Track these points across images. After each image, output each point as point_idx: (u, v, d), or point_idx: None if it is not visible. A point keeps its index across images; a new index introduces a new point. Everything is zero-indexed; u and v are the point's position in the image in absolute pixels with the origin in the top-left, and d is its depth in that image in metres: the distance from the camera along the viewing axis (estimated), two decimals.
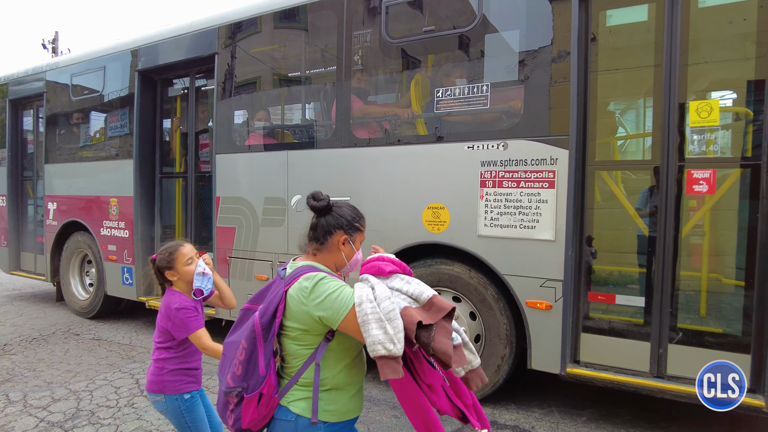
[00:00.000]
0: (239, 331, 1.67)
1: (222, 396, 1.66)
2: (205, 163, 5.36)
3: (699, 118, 3.03)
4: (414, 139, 3.84)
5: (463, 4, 3.66)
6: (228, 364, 1.64)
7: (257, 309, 1.65)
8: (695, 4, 3.12)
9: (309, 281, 1.59)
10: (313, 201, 1.76)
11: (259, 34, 4.68)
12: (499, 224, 3.38)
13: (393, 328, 1.46)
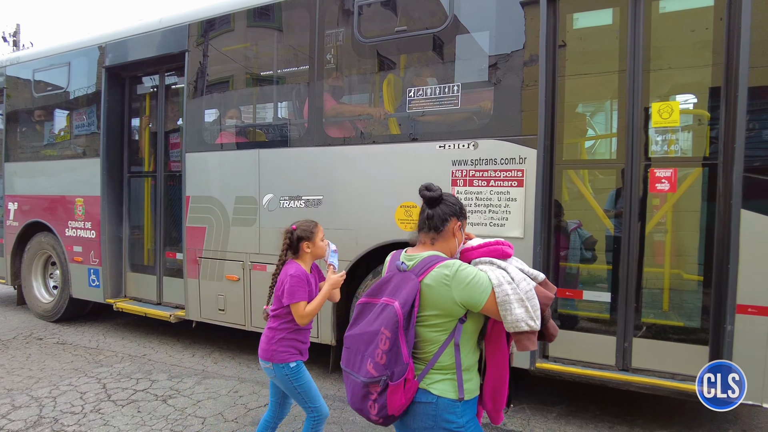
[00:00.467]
0: (367, 322, 1.71)
1: (359, 388, 1.68)
2: (175, 162, 5.26)
3: (661, 119, 3.14)
4: (386, 139, 3.86)
5: (434, 5, 3.70)
6: (359, 357, 1.69)
7: (379, 302, 1.71)
8: (656, 10, 3.24)
9: (449, 269, 1.67)
10: (427, 192, 1.81)
11: (231, 33, 4.63)
12: (470, 222, 3.42)
13: (532, 307, 1.66)
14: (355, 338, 1.72)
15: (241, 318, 4.44)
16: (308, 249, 2.51)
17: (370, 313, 1.72)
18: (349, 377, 1.73)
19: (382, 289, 1.74)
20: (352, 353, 1.72)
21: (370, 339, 1.66)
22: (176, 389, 3.96)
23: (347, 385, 1.76)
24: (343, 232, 3.87)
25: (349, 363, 1.73)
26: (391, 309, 1.64)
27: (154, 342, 5.26)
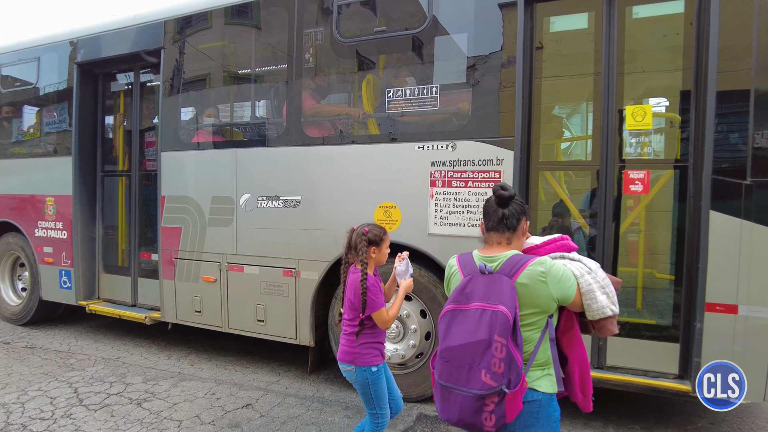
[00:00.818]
0: (467, 332, 1.63)
1: (471, 402, 1.60)
2: (150, 161, 5.16)
3: (634, 122, 3.21)
4: (366, 139, 3.85)
5: (414, 6, 3.71)
6: (465, 369, 1.61)
7: (472, 308, 1.65)
8: (629, 15, 3.30)
9: (543, 266, 1.70)
10: (503, 191, 1.82)
11: (208, 30, 4.56)
12: (449, 223, 3.44)
13: (611, 293, 1.76)
14: (458, 350, 1.63)
15: (218, 320, 4.39)
16: (374, 254, 2.51)
17: (465, 320, 1.65)
18: (453, 392, 1.64)
19: (467, 293, 1.70)
20: (455, 367, 1.63)
21: (481, 348, 1.59)
22: (152, 392, 3.89)
23: (447, 399, 1.66)
24: (322, 232, 3.85)
25: (452, 377, 1.64)
26: (500, 315, 1.59)
27: (129, 344, 5.16)
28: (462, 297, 1.70)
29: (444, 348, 1.67)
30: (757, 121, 2.81)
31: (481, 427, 1.62)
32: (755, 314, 2.84)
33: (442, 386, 1.68)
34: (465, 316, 1.66)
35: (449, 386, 1.65)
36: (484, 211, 1.89)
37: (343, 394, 3.87)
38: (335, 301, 3.91)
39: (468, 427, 1.66)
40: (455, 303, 1.71)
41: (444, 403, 1.69)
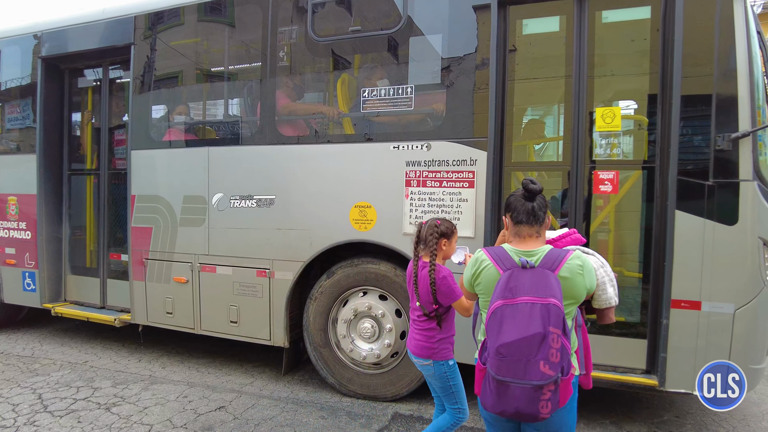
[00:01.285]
0: (521, 326, 1.66)
1: (529, 392, 1.65)
2: (120, 160, 5.03)
3: (604, 124, 3.29)
4: (341, 138, 3.84)
5: (389, 6, 3.72)
6: (522, 362, 1.65)
7: (521, 302, 1.69)
8: (599, 19, 3.38)
9: (580, 260, 1.82)
10: (533, 185, 1.88)
11: (180, 27, 4.48)
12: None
13: (615, 286, 1.94)
14: (515, 345, 1.65)
15: (190, 321, 4.31)
16: (444, 246, 2.50)
17: (516, 315, 1.68)
18: (510, 386, 1.67)
19: (512, 288, 1.73)
20: (512, 361, 1.66)
21: (537, 341, 1.64)
22: (121, 396, 3.80)
23: (503, 394, 1.69)
24: (296, 232, 3.82)
25: (510, 371, 1.66)
26: (554, 307, 1.67)
27: (97, 348, 5.02)
28: (508, 292, 1.73)
29: (501, 344, 1.68)
30: (719, 125, 2.91)
31: (537, 415, 1.68)
32: (717, 310, 2.94)
33: (498, 381, 1.70)
34: (515, 311, 1.69)
35: (506, 381, 1.67)
36: (510, 206, 1.93)
37: (318, 395, 3.85)
38: (310, 301, 3.88)
39: (524, 417, 1.71)
40: (503, 299, 1.73)
41: (499, 398, 1.71)
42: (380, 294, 3.72)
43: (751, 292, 2.92)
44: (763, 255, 2.96)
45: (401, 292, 3.60)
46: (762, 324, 3.01)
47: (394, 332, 3.63)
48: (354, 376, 3.78)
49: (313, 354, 3.91)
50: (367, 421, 3.42)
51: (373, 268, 3.68)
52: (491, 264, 1.86)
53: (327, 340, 3.85)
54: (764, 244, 2.96)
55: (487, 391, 1.77)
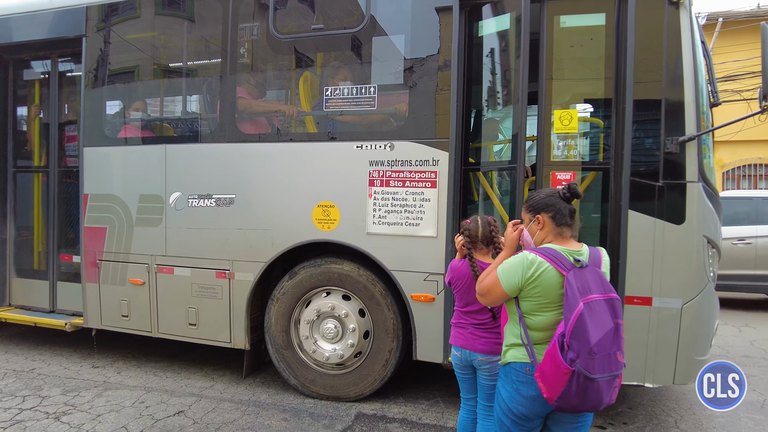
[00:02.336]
0: (601, 322, 1.75)
1: (610, 383, 1.78)
2: (71, 157, 4.82)
3: (561, 126, 3.37)
4: (304, 137, 3.80)
5: (352, 5, 3.70)
6: (606, 355, 1.75)
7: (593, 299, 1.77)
8: (558, 23, 3.47)
9: (606, 255, 2.00)
10: (576, 187, 1.98)
11: (136, 19, 4.31)
12: (387, 222, 3.47)
13: None
14: (603, 342, 1.74)
15: (146, 324, 4.17)
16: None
17: (594, 313, 1.76)
18: (599, 383, 1.75)
19: (581, 287, 1.80)
20: (603, 357, 1.74)
21: (612, 334, 1.77)
22: (72, 404, 3.64)
23: (590, 390, 1.75)
24: (257, 232, 3.76)
25: (601, 368, 1.74)
26: (617, 301, 1.81)
27: (46, 354, 4.79)
28: (581, 290, 1.80)
29: (595, 343, 1.73)
30: (668, 129, 3.04)
31: (611, 402, 1.82)
32: (666, 305, 3.08)
33: (587, 380, 1.74)
34: (592, 310, 1.77)
35: (598, 377, 1.74)
36: (553, 207, 1.99)
37: (280, 397, 3.81)
38: (272, 303, 3.83)
39: (601, 406, 1.81)
40: (582, 296, 1.78)
41: (587, 396, 1.76)
42: (344, 294, 3.71)
43: (696, 287, 3.08)
44: (707, 252, 3.12)
45: (364, 292, 3.60)
46: (706, 318, 3.17)
47: (358, 332, 3.62)
48: (317, 377, 3.75)
49: (274, 356, 3.86)
50: (330, 421, 3.40)
51: (336, 268, 3.66)
52: (551, 266, 1.87)
53: (289, 342, 3.80)
54: (708, 242, 3.12)
55: (572, 393, 1.76)
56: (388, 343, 3.58)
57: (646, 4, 3.04)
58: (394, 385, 3.88)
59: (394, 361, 3.59)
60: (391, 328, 3.56)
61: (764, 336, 6.09)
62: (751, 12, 12.56)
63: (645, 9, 3.04)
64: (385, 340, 3.58)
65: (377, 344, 3.61)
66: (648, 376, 3.12)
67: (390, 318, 3.55)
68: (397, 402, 3.73)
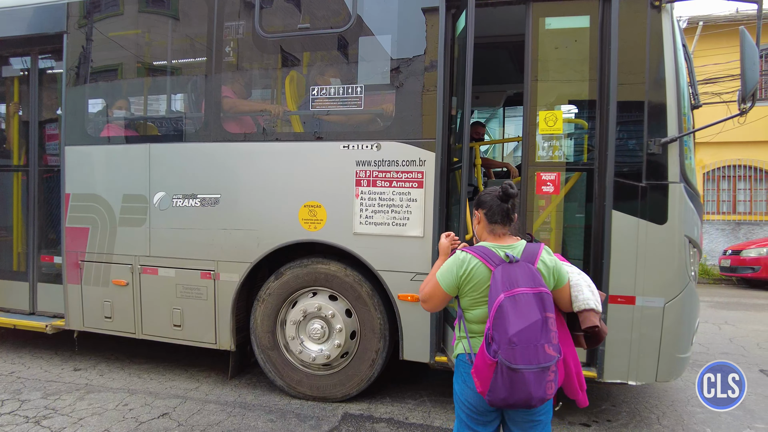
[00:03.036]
0: (525, 314, 1.80)
1: (539, 375, 1.79)
2: (52, 156, 4.73)
3: (546, 127, 3.40)
4: (290, 137, 3.78)
5: (338, 5, 3.70)
6: (531, 347, 1.78)
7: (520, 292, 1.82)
8: (543, 25, 3.50)
9: (549, 254, 2.01)
10: (511, 190, 2.03)
11: (119, 17, 4.25)
12: (374, 222, 3.47)
13: (595, 292, 2.03)
14: (525, 333, 1.78)
15: (130, 326, 4.11)
16: None
17: (518, 306, 1.81)
18: (524, 374, 1.77)
19: (510, 281, 1.86)
20: (524, 348, 1.78)
21: (539, 327, 1.79)
22: (53, 408, 3.57)
23: (516, 382, 1.78)
24: (243, 232, 3.73)
25: (524, 358, 1.77)
26: (547, 295, 1.85)
27: (26, 357, 4.70)
28: (507, 284, 1.86)
29: (513, 334, 1.79)
30: (650, 130, 3.09)
31: (545, 397, 1.84)
32: (649, 304, 3.12)
33: (512, 370, 1.78)
34: (515, 302, 1.82)
35: (520, 368, 1.77)
36: (486, 204, 2.07)
37: (266, 398, 3.78)
38: (257, 303, 3.80)
39: (538, 402, 1.83)
40: (505, 291, 1.84)
41: (513, 388, 1.79)
42: (330, 294, 3.70)
43: (678, 286, 3.13)
44: (688, 252, 3.17)
45: (351, 292, 3.60)
46: (688, 316, 3.23)
47: (344, 332, 3.61)
48: (303, 378, 3.73)
49: (260, 357, 3.83)
50: (316, 422, 3.39)
51: (323, 269, 3.65)
52: (480, 262, 1.95)
53: (275, 343, 3.78)
54: (689, 241, 3.17)
55: (498, 385, 1.82)
56: (374, 344, 3.58)
57: (629, 7, 3.08)
58: (380, 385, 3.88)
59: (381, 361, 3.59)
60: (378, 328, 3.56)
61: (743, 333, 6.22)
62: (730, 16, 12.82)
63: (628, 12, 3.08)
64: (372, 340, 3.58)
65: (364, 344, 3.61)
66: (631, 374, 3.16)
67: (377, 318, 3.55)
68: (384, 402, 3.73)
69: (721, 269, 11.75)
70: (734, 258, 11.23)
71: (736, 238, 13.35)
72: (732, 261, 11.27)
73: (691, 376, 4.40)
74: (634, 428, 3.41)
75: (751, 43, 2.72)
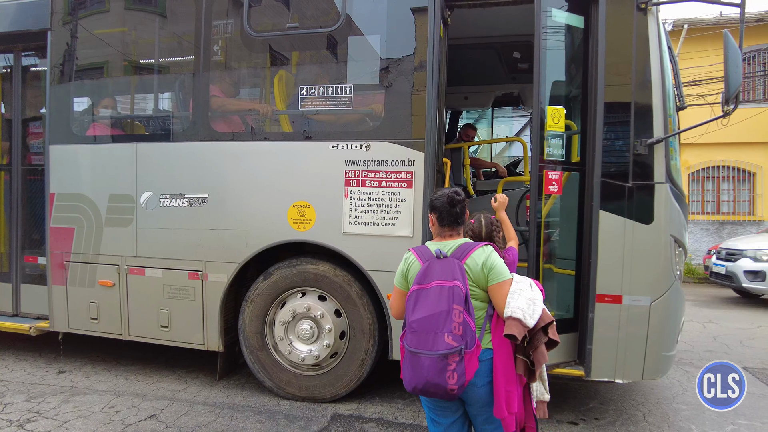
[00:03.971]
0: (431, 305, 1.93)
1: (436, 362, 1.88)
2: (36, 155, 4.65)
3: (552, 123, 3.36)
4: (279, 136, 3.76)
5: (327, 4, 3.69)
6: (431, 335, 1.90)
7: (433, 286, 1.94)
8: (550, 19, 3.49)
9: (484, 252, 2.06)
10: (457, 196, 2.16)
11: (105, 14, 4.20)
12: (363, 222, 3.46)
13: (533, 310, 1.97)
14: (425, 320, 1.92)
15: (117, 327, 4.06)
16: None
17: (428, 296, 1.95)
18: (420, 357, 1.91)
19: (428, 275, 2.00)
20: (423, 334, 1.92)
21: (443, 317, 1.90)
22: (37, 411, 3.52)
23: (416, 366, 1.93)
24: (231, 232, 3.71)
25: (420, 344, 1.92)
26: (456, 288, 1.93)
27: (9, 360, 4.62)
28: (423, 278, 2.00)
29: (413, 320, 1.95)
30: (637, 130, 3.13)
31: (445, 387, 1.90)
32: (635, 303, 3.16)
33: (411, 354, 1.95)
34: (427, 294, 1.96)
35: (418, 352, 1.92)
36: (436, 209, 2.18)
37: (255, 399, 3.76)
38: (246, 304, 3.78)
39: (435, 387, 1.92)
40: (419, 284, 2.00)
41: (413, 371, 1.95)
42: (319, 295, 3.69)
43: (664, 285, 3.17)
44: (674, 251, 3.21)
45: (340, 292, 3.59)
46: (673, 314, 3.28)
47: (334, 333, 3.60)
48: (292, 379, 3.72)
49: (249, 357, 3.81)
50: (305, 423, 3.38)
51: (312, 269, 3.64)
52: (415, 258, 2.12)
53: (264, 343, 3.76)
54: (675, 241, 3.22)
55: (405, 368, 2.00)
56: (364, 344, 3.57)
57: (615, 9, 3.11)
58: (370, 385, 3.88)
59: (371, 361, 3.59)
60: (368, 328, 3.56)
61: (726, 332, 6.33)
62: (714, 20, 13.02)
63: (614, 14, 3.11)
64: (362, 340, 3.58)
65: (353, 344, 3.60)
66: (618, 372, 3.20)
67: (366, 318, 3.55)
68: (373, 402, 3.73)
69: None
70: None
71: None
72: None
73: (677, 373, 4.47)
74: (621, 426, 3.45)
75: (734, 46, 2.76)
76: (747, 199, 13.75)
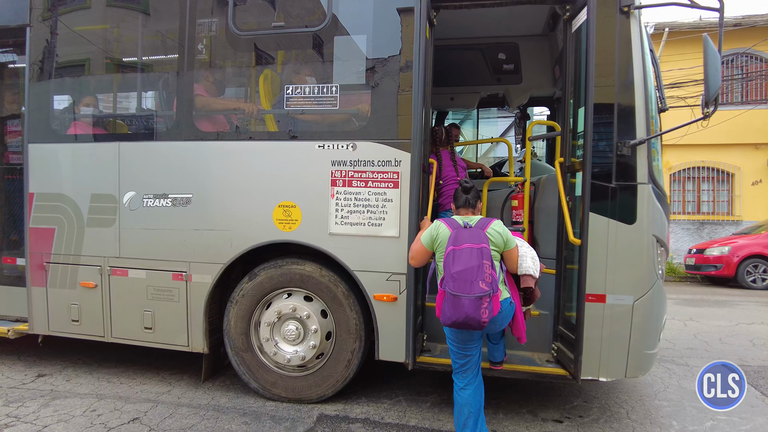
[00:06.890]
0: (467, 260, 2.59)
1: (474, 302, 2.53)
2: (14, 154, 4.56)
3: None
4: (264, 136, 3.73)
5: (313, 3, 3.67)
6: (468, 283, 2.55)
7: (464, 247, 2.62)
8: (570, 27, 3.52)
9: (499, 225, 2.82)
10: (466, 184, 3.00)
11: (86, 10, 4.12)
12: (349, 222, 3.46)
13: (536, 265, 2.94)
14: (464, 272, 2.56)
15: (99, 329, 3.99)
16: None
17: (462, 255, 2.60)
18: (461, 299, 2.54)
19: (459, 239, 2.67)
20: (462, 282, 2.55)
21: (476, 269, 2.56)
22: (15, 416, 3.44)
23: (456, 305, 2.55)
24: (215, 233, 3.67)
25: (461, 288, 2.55)
26: (485, 249, 2.62)
27: None
28: (456, 242, 2.67)
29: (455, 271, 2.59)
30: (620, 132, 3.17)
31: (479, 319, 2.55)
32: (618, 302, 3.20)
33: (453, 296, 2.56)
34: (461, 253, 2.62)
35: (459, 295, 2.55)
36: (453, 196, 3.03)
37: (240, 401, 3.73)
38: (231, 305, 3.74)
39: (472, 320, 2.55)
40: (453, 245, 2.66)
41: (454, 309, 2.57)
42: (305, 295, 3.67)
43: (647, 284, 3.21)
44: (656, 251, 3.26)
45: (326, 293, 3.58)
46: (655, 313, 3.32)
47: (320, 333, 3.59)
48: (278, 380, 3.69)
49: (234, 359, 3.77)
50: (291, 424, 3.36)
51: (298, 269, 3.62)
52: (445, 227, 2.81)
53: (249, 344, 3.73)
54: (657, 241, 3.26)
55: (445, 308, 2.61)
56: (350, 344, 3.57)
57: (599, 12, 3.14)
58: (356, 386, 3.87)
59: (357, 361, 3.59)
60: (354, 329, 3.55)
61: (707, 329, 6.45)
62: (694, 24, 13.28)
63: (598, 17, 3.14)
64: (348, 340, 3.57)
65: (340, 345, 3.59)
66: (602, 370, 3.24)
67: (352, 318, 3.55)
68: (360, 402, 3.73)
69: (687, 267, 12.16)
70: (698, 257, 11.63)
71: (700, 237, 13.83)
72: (696, 259, 11.67)
73: (659, 371, 4.54)
74: (605, 423, 3.49)
75: (713, 49, 2.81)
76: (726, 200, 14.04)
